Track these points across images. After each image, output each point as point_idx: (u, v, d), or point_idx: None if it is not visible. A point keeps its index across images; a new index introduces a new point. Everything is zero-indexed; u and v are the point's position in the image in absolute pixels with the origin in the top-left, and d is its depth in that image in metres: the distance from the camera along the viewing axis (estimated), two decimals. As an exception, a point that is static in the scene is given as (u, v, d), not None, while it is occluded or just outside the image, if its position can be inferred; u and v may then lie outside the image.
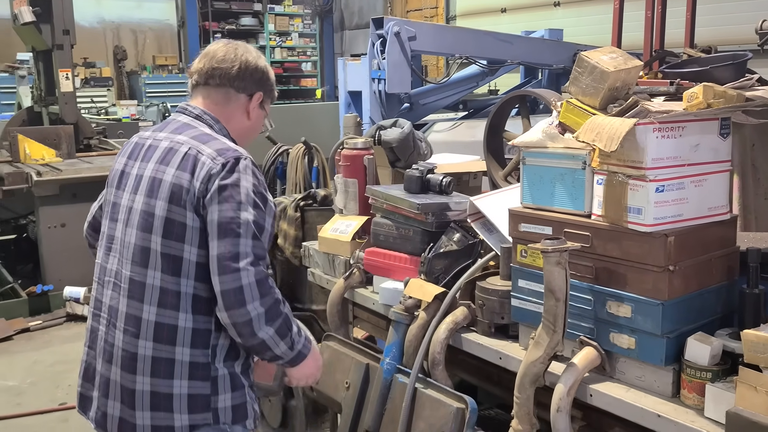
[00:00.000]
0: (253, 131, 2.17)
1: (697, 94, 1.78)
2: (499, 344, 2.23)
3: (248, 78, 2.06)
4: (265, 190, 1.95)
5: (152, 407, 1.92)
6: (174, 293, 1.90)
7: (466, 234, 2.52)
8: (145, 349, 1.92)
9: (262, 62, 2.11)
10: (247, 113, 2.10)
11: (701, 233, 1.86)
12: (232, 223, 1.85)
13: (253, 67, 2.06)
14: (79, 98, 8.94)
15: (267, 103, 2.16)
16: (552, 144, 2.03)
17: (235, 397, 1.97)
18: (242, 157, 1.94)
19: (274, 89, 2.17)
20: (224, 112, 2.06)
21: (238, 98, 2.07)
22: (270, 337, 1.89)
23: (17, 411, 4.20)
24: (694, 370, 1.76)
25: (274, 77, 2.17)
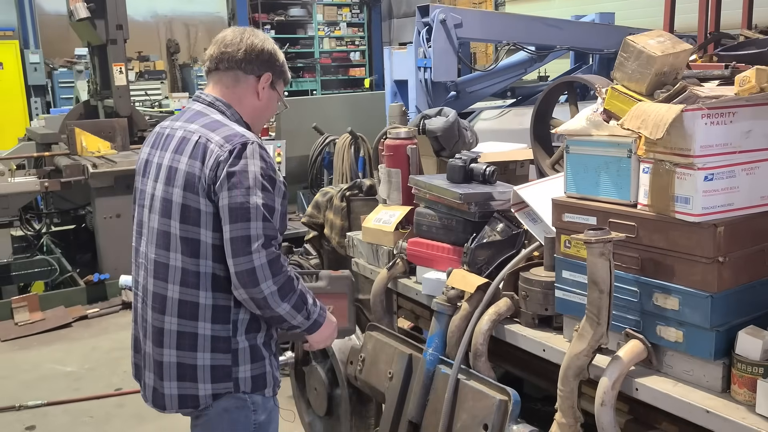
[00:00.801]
0: (265, 111, 2.23)
1: (750, 78, 1.71)
2: (543, 336, 2.20)
3: (254, 60, 2.12)
4: (273, 172, 2.03)
5: (178, 378, 2.08)
6: (194, 273, 2.04)
7: (509, 224, 2.49)
8: (171, 324, 2.07)
9: (269, 45, 2.16)
10: (257, 94, 2.16)
11: (753, 223, 1.79)
12: (241, 208, 1.95)
13: (259, 49, 2.13)
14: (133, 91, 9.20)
15: (279, 84, 2.21)
16: (596, 132, 1.98)
17: (254, 368, 2.10)
18: (249, 142, 2.01)
19: (284, 71, 2.22)
20: (234, 95, 2.14)
21: (247, 80, 2.14)
22: (287, 312, 2.03)
23: (75, 396, 4.36)
24: (745, 365, 1.70)
25: (283, 59, 2.21)
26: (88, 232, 7.09)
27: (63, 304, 5.83)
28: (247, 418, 2.12)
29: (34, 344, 5.23)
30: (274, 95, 2.21)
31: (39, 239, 7.23)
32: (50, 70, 12.50)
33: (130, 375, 3.88)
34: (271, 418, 2.20)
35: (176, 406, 2.10)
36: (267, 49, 2.14)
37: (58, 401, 4.28)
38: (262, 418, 2.15)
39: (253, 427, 2.14)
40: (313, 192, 5.72)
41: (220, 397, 2.08)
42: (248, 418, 2.12)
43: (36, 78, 12.01)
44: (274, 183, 2.03)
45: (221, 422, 2.11)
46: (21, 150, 7.37)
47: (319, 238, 4.26)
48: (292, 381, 3.53)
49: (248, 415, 2.12)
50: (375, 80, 15.24)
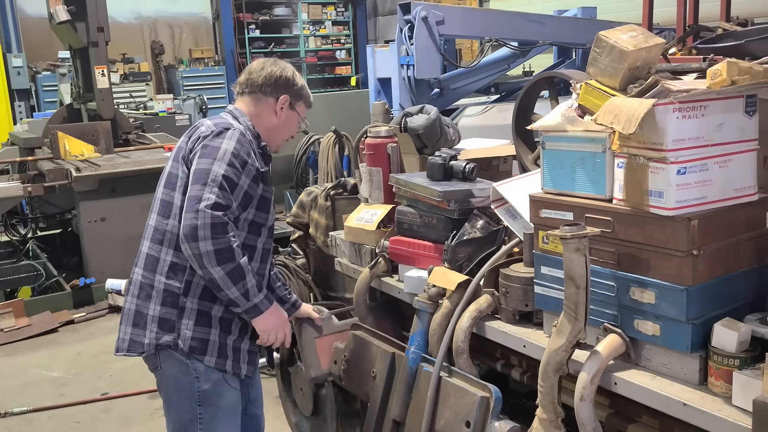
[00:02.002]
0: (282, 129, 2.48)
1: (721, 71, 1.71)
2: (524, 332, 2.21)
3: (272, 84, 2.43)
4: (248, 155, 2.27)
5: (133, 324, 2.34)
6: (161, 231, 2.32)
7: (489, 221, 2.49)
8: (138, 275, 2.36)
9: (288, 72, 2.46)
10: (275, 112, 2.44)
11: (727, 215, 1.80)
12: (203, 172, 2.20)
13: (276, 76, 2.44)
14: (117, 94, 9.14)
15: (299, 106, 2.50)
16: (571, 127, 1.99)
17: (197, 330, 2.30)
18: (232, 128, 2.30)
19: (303, 94, 2.50)
20: (254, 112, 2.44)
21: (267, 100, 2.44)
22: (221, 278, 2.18)
23: (62, 401, 4.32)
24: (721, 357, 1.71)
25: (301, 84, 2.49)
26: (74, 236, 7.03)
27: (49, 309, 5.79)
28: (190, 384, 2.32)
29: (20, 350, 5.20)
30: (293, 116, 2.49)
31: (25, 244, 7.18)
32: (33, 73, 12.39)
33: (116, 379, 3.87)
34: (218, 391, 2.35)
35: (125, 349, 2.35)
36: (284, 76, 2.44)
37: (44, 407, 4.25)
38: (205, 387, 2.32)
39: (198, 394, 2.32)
40: (299, 191, 5.71)
41: (161, 349, 2.29)
42: (192, 384, 2.31)
43: (19, 82, 11.90)
44: (244, 163, 2.25)
45: (169, 386, 2.37)
46: (4, 155, 7.31)
47: (305, 238, 4.25)
48: (279, 381, 3.52)
49: (192, 381, 2.31)
50: (361, 78, 15.22)
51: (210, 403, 2.34)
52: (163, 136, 7.67)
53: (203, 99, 11.47)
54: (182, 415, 2.36)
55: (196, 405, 2.34)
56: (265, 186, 2.37)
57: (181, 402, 2.35)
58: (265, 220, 2.41)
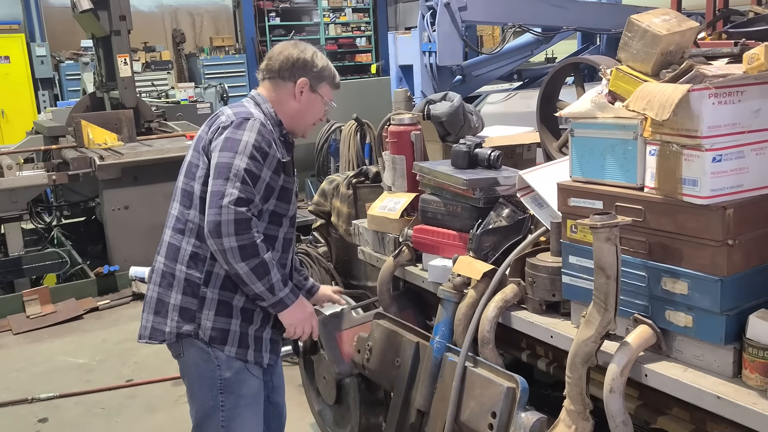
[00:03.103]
0: (305, 114, 2.41)
1: (758, 55, 1.66)
2: (551, 322, 2.18)
3: (290, 68, 2.35)
4: (268, 146, 2.23)
5: (155, 312, 2.34)
6: (182, 221, 2.32)
7: (515, 209, 2.46)
8: (160, 263, 2.36)
9: (306, 54, 2.37)
10: (295, 96, 2.37)
11: (764, 204, 1.75)
12: (225, 166, 2.17)
13: (294, 59, 2.36)
14: (139, 82, 9.19)
15: (322, 87, 2.41)
16: (601, 114, 1.94)
17: (218, 320, 2.29)
18: (252, 118, 2.26)
19: (325, 75, 2.40)
20: (275, 97, 2.38)
21: (285, 85, 2.37)
22: (245, 273, 2.18)
23: (87, 387, 4.37)
24: (756, 350, 1.67)
25: (322, 65, 2.39)
26: (98, 224, 7.10)
27: (74, 296, 5.86)
28: (212, 372, 2.32)
29: (46, 337, 5.26)
30: (316, 99, 2.41)
31: (49, 232, 7.26)
32: (57, 62, 12.49)
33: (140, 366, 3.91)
34: (239, 379, 2.34)
35: (147, 336, 2.36)
36: (302, 58, 2.37)
37: (69, 393, 4.30)
38: (227, 375, 2.32)
39: (219, 382, 2.33)
40: (320, 180, 5.70)
41: (183, 337, 2.30)
42: (213, 372, 2.32)
43: (43, 71, 12.01)
44: (265, 155, 2.23)
45: (192, 373, 2.37)
46: (29, 143, 7.38)
47: (326, 226, 4.24)
48: (302, 370, 3.52)
49: (213, 369, 2.31)
50: (382, 66, 15.16)
51: (232, 391, 2.34)
52: (184, 125, 7.70)
53: (224, 87, 11.48)
54: (205, 402, 2.37)
55: (218, 393, 2.34)
56: (286, 177, 2.33)
57: (203, 389, 2.36)
58: (287, 210, 2.38)
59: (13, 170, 6.12)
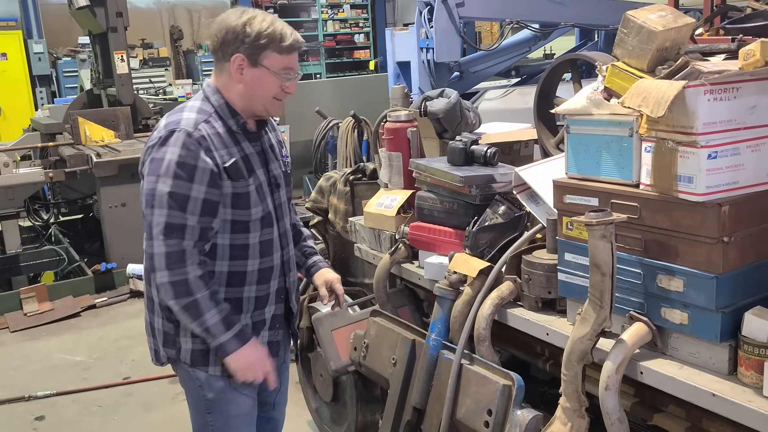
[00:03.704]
0: (254, 94, 2.06)
1: (754, 52, 1.66)
2: (547, 320, 2.17)
3: (223, 44, 2.03)
4: (195, 159, 1.97)
5: (149, 334, 2.25)
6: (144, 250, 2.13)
7: (511, 206, 2.45)
8: (145, 287, 2.21)
9: (231, 21, 2.01)
10: (235, 77, 2.05)
11: (759, 201, 1.74)
12: (149, 194, 1.99)
13: (223, 31, 2.02)
14: (137, 79, 9.15)
15: (266, 59, 2.02)
16: (597, 110, 1.93)
17: (196, 342, 2.13)
18: (177, 130, 2.00)
19: (263, 44, 2.00)
20: (222, 83, 2.10)
21: (226, 67, 2.06)
22: (178, 311, 2.03)
23: (84, 385, 4.36)
24: (751, 347, 1.66)
25: (257, 31, 1.99)
26: (95, 222, 7.09)
27: (71, 293, 5.85)
28: (197, 393, 2.21)
29: (43, 334, 5.25)
30: (262, 73, 2.03)
31: (47, 229, 7.24)
32: (54, 59, 12.46)
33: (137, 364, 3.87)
34: (225, 399, 2.20)
35: (153, 358, 2.27)
36: (230, 28, 2.00)
37: (66, 391, 4.29)
38: (210, 396, 2.19)
39: (204, 402, 2.21)
40: (318, 176, 5.69)
41: (172, 361, 2.20)
42: (198, 393, 2.21)
43: (40, 68, 11.97)
44: (193, 170, 1.97)
45: (185, 391, 2.28)
46: (26, 140, 7.36)
47: (323, 223, 4.23)
48: (298, 367, 3.52)
49: (197, 390, 2.20)
50: (380, 62, 15.12)
51: (218, 411, 2.21)
52: (182, 122, 7.66)
53: (222, 84, 11.45)
54: (196, 420, 2.29)
55: (205, 413, 2.23)
56: (236, 182, 2.05)
57: (193, 409, 2.28)
58: (248, 215, 2.10)
59: (10, 167, 6.11)
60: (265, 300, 2.20)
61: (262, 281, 2.18)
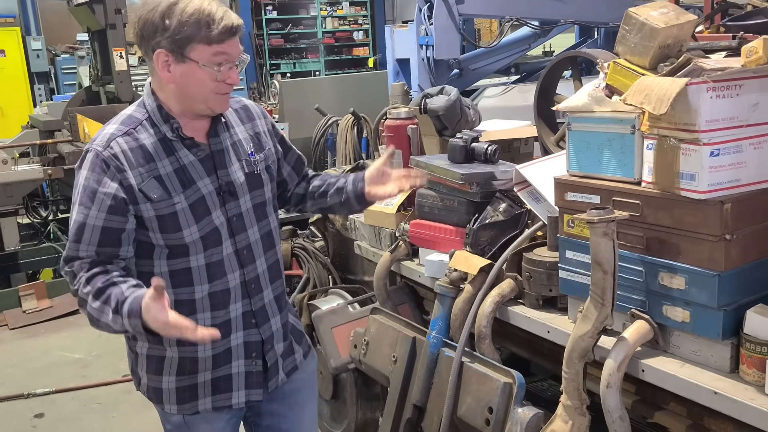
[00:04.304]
0: (187, 92, 1.79)
1: (757, 49, 1.65)
2: (548, 317, 2.17)
3: (143, 39, 1.77)
4: (97, 183, 1.76)
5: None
6: None
7: (512, 204, 2.44)
8: None
9: (160, 8, 1.72)
10: (162, 77, 1.78)
11: (762, 199, 1.74)
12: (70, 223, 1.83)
13: (141, 23, 1.75)
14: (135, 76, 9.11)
15: (193, 51, 1.73)
16: (599, 108, 1.93)
17: (151, 378, 1.96)
18: (90, 149, 1.81)
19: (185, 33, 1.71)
20: (154, 83, 1.85)
21: (153, 66, 1.79)
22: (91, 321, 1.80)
23: (83, 383, 4.37)
24: (753, 345, 1.66)
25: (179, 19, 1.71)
26: (93, 219, 7.07)
27: (70, 291, 5.83)
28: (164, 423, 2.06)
29: (42, 332, 5.25)
30: (191, 68, 1.75)
31: (46, 226, 7.23)
32: (53, 56, 12.44)
33: None
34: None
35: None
36: (148, 20, 1.73)
37: (66, 388, 4.29)
38: (169, 428, 2.04)
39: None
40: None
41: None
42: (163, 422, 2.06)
43: (38, 65, 11.96)
44: (93, 195, 1.76)
45: None
46: (24, 138, 7.35)
47: (323, 220, 4.22)
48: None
49: (163, 420, 2.06)
50: (379, 59, 15.09)
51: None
52: (181, 119, 7.66)
53: (220, 81, 11.44)
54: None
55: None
56: (155, 203, 1.78)
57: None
58: (180, 238, 1.82)
59: (9, 164, 6.09)
60: (225, 327, 1.92)
61: (217, 307, 1.91)
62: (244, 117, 2.01)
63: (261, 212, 1.99)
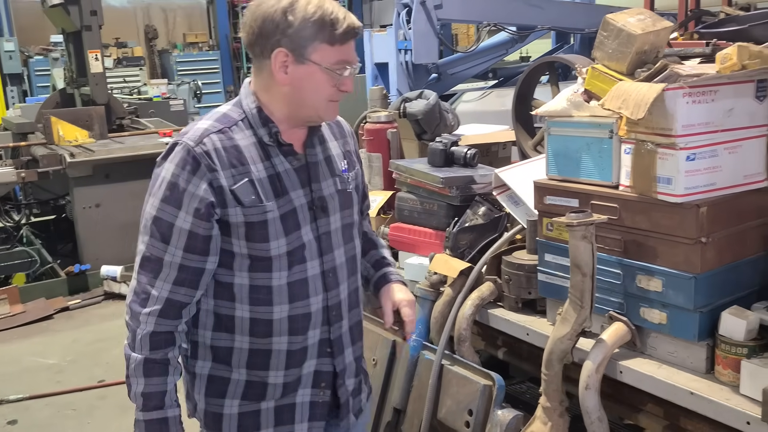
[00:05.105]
0: (302, 98, 1.64)
1: (731, 56, 1.68)
2: (527, 320, 2.18)
3: (260, 37, 1.62)
4: (186, 181, 1.59)
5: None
6: None
7: (491, 207, 2.46)
8: None
9: (282, 4, 1.59)
10: (277, 77, 1.63)
11: (736, 202, 1.77)
12: (142, 216, 1.65)
13: (259, 20, 1.60)
14: (111, 78, 9.05)
15: (313, 52, 1.60)
16: (577, 112, 1.95)
17: (210, 403, 1.77)
18: (179, 143, 1.63)
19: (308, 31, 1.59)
20: (260, 84, 1.69)
21: (265, 65, 1.64)
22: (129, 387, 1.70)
23: (57, 388, 4.30)
24: (729, 346, 1.69)
25: (304, 15, 1.58)
26: (68, 222, 6.98)
27: (44, 295, 5.75)
28: None
29: (15, 337, 5.16)
30: (311, 70, 1.61)
31: (18, 230, 7.11)
32: (26, 58, 12.27)
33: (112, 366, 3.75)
34: None
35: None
36: (268, 16, 1.59)
37: (40, 395, 4.22)
38: None
39: None
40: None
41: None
42: None
43: (11, 66, 11.76)
44: (180, 194, 1.59)
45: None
46: (-3, 140, 7.24)
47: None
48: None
49: None
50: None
51: None
52: (157, 122, 7.60)
53: (198, 84, 11.40)
54: None
55: None
56: (246, 208, 1.61)
57: None
58: (266, 250, 1.64)
59: (-19, 167, 6.00)
60: (301, 354, 1.74)
61: (295, 332, 1.71)
62: (337, 133, 1.88)
63: (348, 234, 1.81)
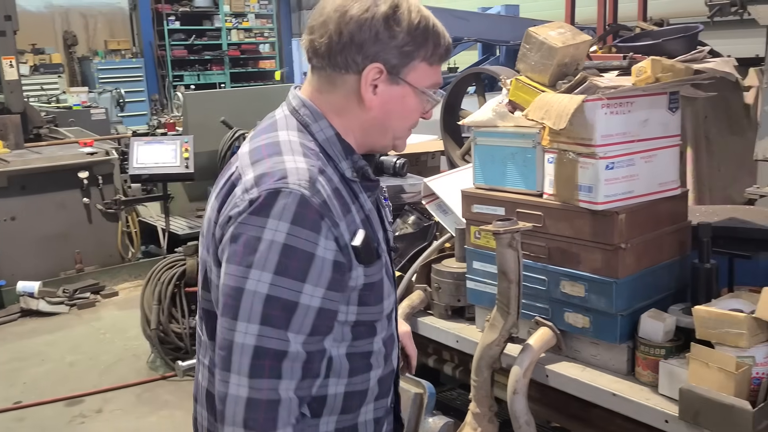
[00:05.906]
0: (384, 123, 1.35)
1: (645, 69, 1.76)
2: (456, 327, 2.21)
3: (354, 46, 1.27)
4: (313, 246, 1.20)
5: None
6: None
7: (421, 216, 2.49)
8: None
9: (381, 8, 1.27)
10: (362, 99, 1.31)
11: (652, 209, 1.85)
12: (233, 295, 1.21)
13: (355, 25, 1.26)
14: (27, 86, 8.68)
15: (411, 72, 1.31)
16: (502, 123, 2.00)
17: None
18: (284, 191, 1.20)
19: (416, 46, 1.29)
20: (329, 103, 1.34)
21: (344, 81, 1.31)
22: None
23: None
24: (647, 347, 1.75)
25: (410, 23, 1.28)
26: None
27: None
28: None
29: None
30: (403, 92, 1.32)
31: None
32: (-66, 63, 11.64)
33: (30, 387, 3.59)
34: None
35: None
36: (363, 21, 1.26)
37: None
38: None
39: None
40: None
41: None
42: None
43: None
44: (308, 263, 1.20)
45: None
46: None
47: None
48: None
49: None
50: (285, 72, 15.04)
51: None
52: (77, 131, 7.33)
53: (120, 92, 11.06)
54: None
55: None
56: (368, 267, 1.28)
57: None
58: (378, 312, 1.35)
59: None
60: (387, 416, 1.47)
61: (382, 395, 1.43)
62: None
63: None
